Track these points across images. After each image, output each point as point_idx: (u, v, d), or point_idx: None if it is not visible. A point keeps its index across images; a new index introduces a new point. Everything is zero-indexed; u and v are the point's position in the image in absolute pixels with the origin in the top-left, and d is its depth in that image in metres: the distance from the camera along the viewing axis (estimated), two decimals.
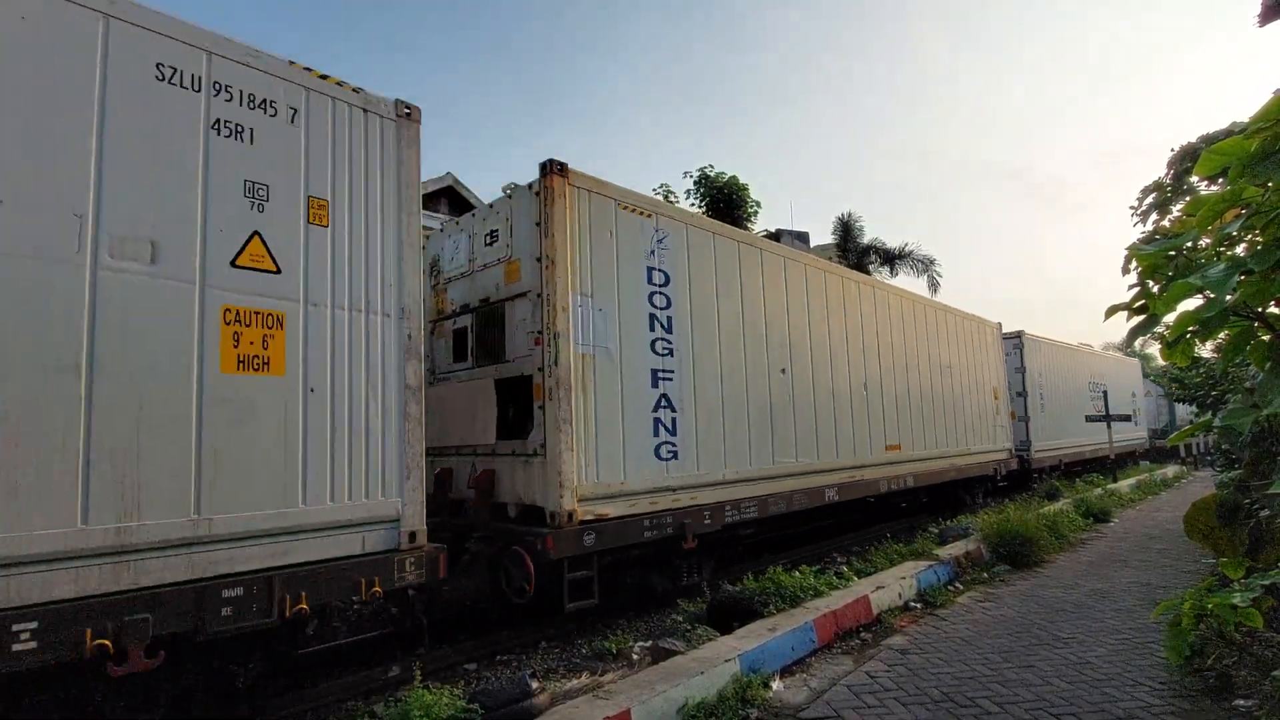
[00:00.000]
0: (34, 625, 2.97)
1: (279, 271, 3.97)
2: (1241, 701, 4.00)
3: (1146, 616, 5.89)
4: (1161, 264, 2.39)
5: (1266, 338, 2.34)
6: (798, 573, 6.53)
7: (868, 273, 22.60)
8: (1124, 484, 16.03)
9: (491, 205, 6.61)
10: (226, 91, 3.88)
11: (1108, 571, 7.92)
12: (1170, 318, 2.26)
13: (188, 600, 3.42)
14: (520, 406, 6.12)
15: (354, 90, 4.45)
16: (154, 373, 3.47)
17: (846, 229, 23.30)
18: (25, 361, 3.10)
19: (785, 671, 4.83)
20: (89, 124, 3.39)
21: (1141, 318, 2.42)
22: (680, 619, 6.17)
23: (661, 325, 6.45)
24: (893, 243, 23.10)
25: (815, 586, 6.30)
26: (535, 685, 4.10)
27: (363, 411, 4.24)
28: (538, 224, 5.72)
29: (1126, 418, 20.03)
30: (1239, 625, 3.61)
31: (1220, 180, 2.33)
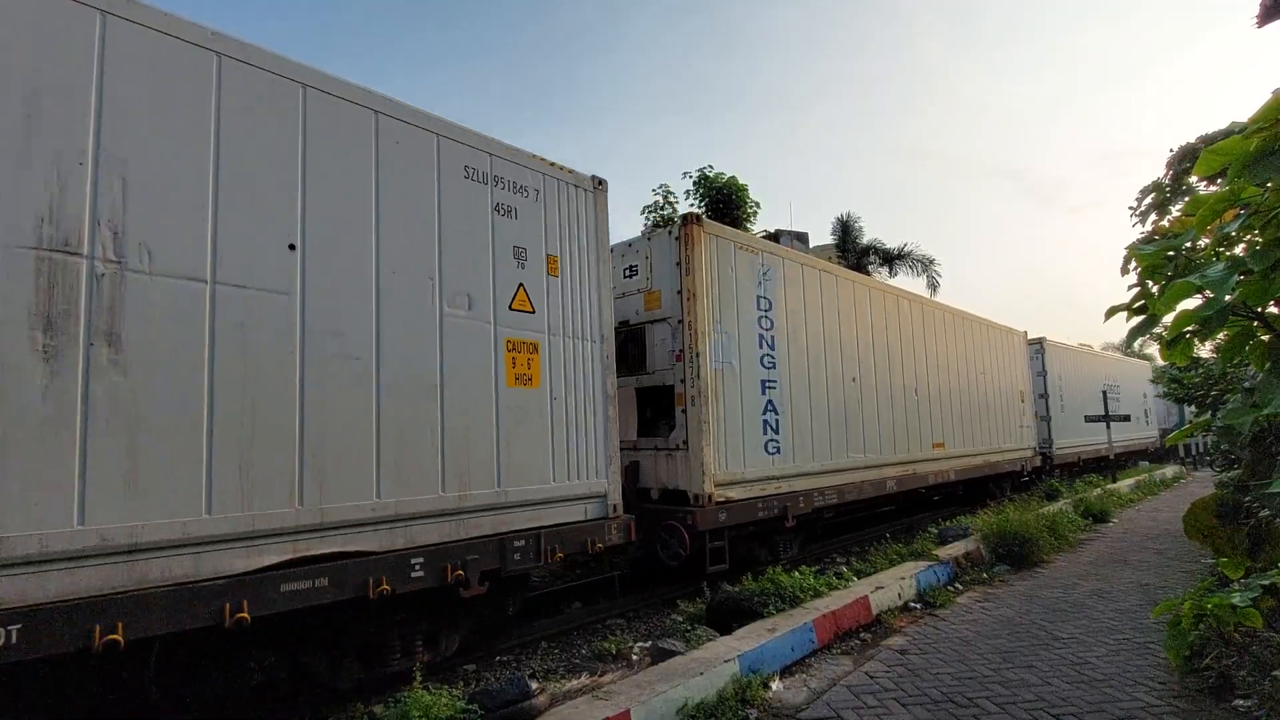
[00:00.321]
0: (421, 560, 4.43)
1: (534, 311, 5.43)
2: (1241, 701, 4.00)
3: (1146, 616, 5.90)
4: (1161, 264, 2.39)
5: (1266, 337, 2.34)
6: (797, 573, 6.52)
7: (866, 273, 22.62)
8: (1123, 484, 16.04)
9: (630, 244, 7.94)
10: (500, 182, 5.32)
11: (1107, 572, 7.92)
12: (1169, 318, 2.26)
13: (494, 548, 4.84)
14: (656, 410, 7.52)
15: (569, 171, 5.91)
16: (472, 388, 4.90)
17: (846, 229, 23.30)
18: (410, 381, 4.53)
19: (785, 672, 4.83)
20: (433, 216, 4.82)
21: (1141, 318, 2.42)
22: (680, 619, 6.18)
23: (766, 343, 7.89)
24: (892, 243, 23.12)
25: (815, 587, 6.30)
26: (535, 686, 4.10)
27: (582, 413, 5.70)
28: (678, 264, 7.19)
29: (1126, 418, 20.05)
30: (1239, 625, 3.61)
31: (1219, 180, 2.34)
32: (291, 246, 4.08)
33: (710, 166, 19.20)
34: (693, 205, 19.34)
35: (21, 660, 3.01)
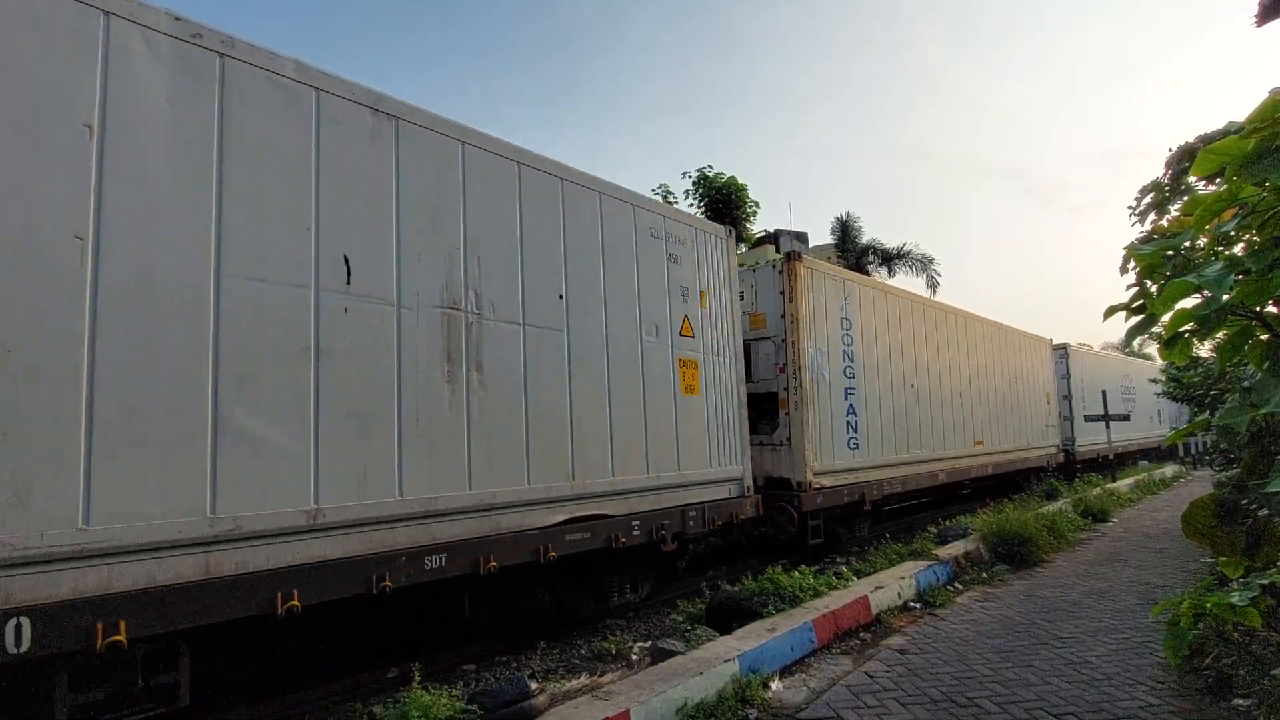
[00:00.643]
0: (638, 522, 6.01)
1: (694, 336, 7.03)
2: (1240, 701, 4.00)
3: (1145, 616, 5.90)
4: (1159, 263, 2.39)
5: (1264, 337, 2.34)
6: (797, 573, 6.53)
7: (866, 273, 22.63)
8: (1122, 484, 16.05)
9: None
10: (670, 236, 6.94)
11: (1106, 571, 7.93)
12: (1168, 317, 2.26)
13: (678, 516, 6.43)
14: (759, 412, 8.66)
15: (711, 224, 7.76)
16: (662, 396, 6.51)
17: (845, 229, 23.33)
18: (626, 394, 6.17)
19: (784, 672, 4.83)
20: (633, 267, 6.48)
21: (1139, 317, 2.42)
22: (679, 619, 6.18)
23: (848, 357, 9.48)
24: (891, 242, 23.13)
25: (814, 587, 6.30)
26: (534, 686, 4.10)
27: (726, 414, 7.28)
28: (781, 293, 8.78)
29: (1125, 417, 20.14)
30: (1237, 625, 3.61)
31: (1218, 180, 2.34)
32: (560, 296, 5.73)
33: (710, 166, 19.23)
34: (692, 205, 19.34)
35: (447, 579, 4.64)
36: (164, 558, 3.46)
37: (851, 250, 23.01)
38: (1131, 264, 2.51)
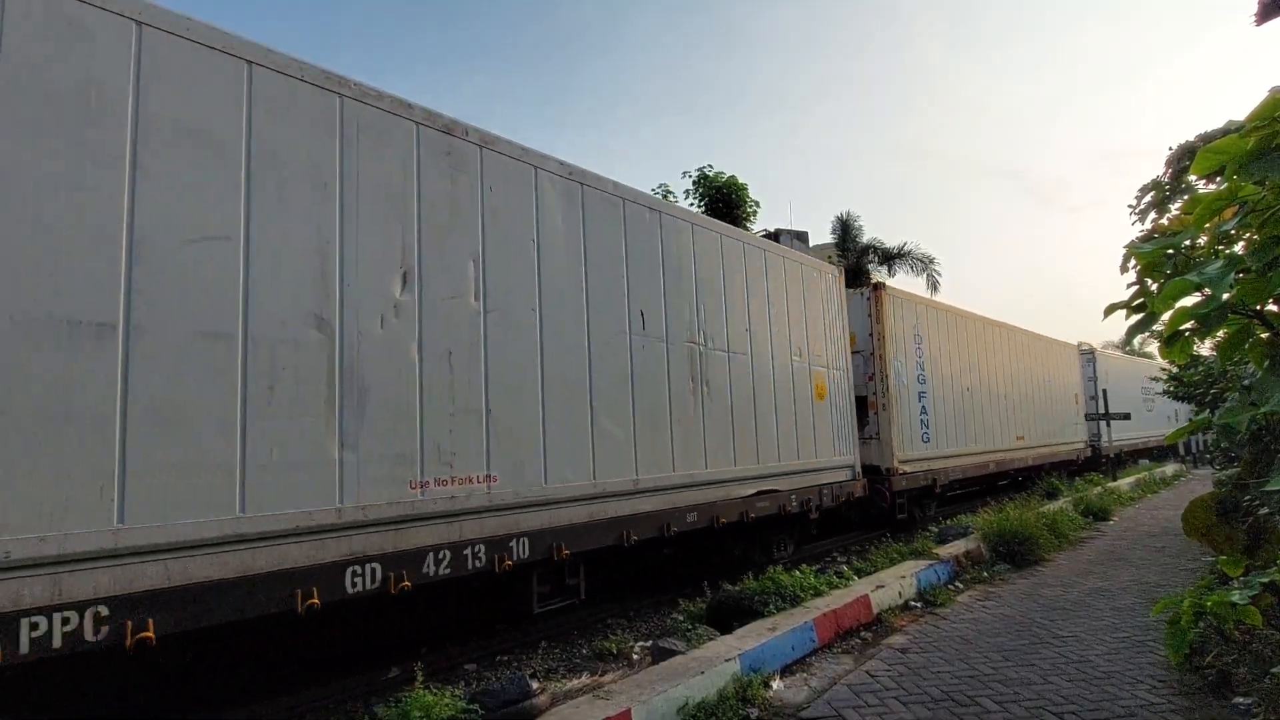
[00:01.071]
0: (794, 496, 8.16)
1: (821, 354, 9.28)
2: (1241, 699, 4.00)
3: (1146, 614, 5.90)
4: (1159, 262, 2.39)
5: (1264, 335, 2.34)
6: (798, 572, 6.53)
7: (866, 272, 22.60)
8: (1123, 482, 16.05)
9: None
10: (805, 278, 9.17)
11: (1107, 570, 7.93)
12: (1168, 315, 2.26)
13: (817, 492, 8.59)
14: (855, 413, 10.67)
15: (830, 260, 10.59)
16: (803, 401, 8.70)
17: (845, 228, 23.29)
18: (792, 399, 8.52)
19: (786, 671, 4.83)
20: (784, 306, 8.63)
21: (1139, 316, 2.42)
22: (680, 618, 6.18)
23: (920, 366, 11.73)
24: (891, 242, 23.09)
25: (815, 586, 6.31)
26: (535, 685, 4.10)
27: (841, 413, 9.54)
28: (869, 315, 11.02)
29: (1126, 416, 20.18)
30: (1238, 623, 3.61)
31: (1217, 178, 2.34)
32: (746, 330, 7.93)
33: (710, 166, 19.21)
34: (692, 204, 19.34)
35: (697, 530, 6.75)
36: (581, 506, 5.74)
37: (852, 249, 22.97)
38: (1132, 262, 2.52)
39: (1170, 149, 10.28)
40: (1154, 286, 2.41)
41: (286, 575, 3.84)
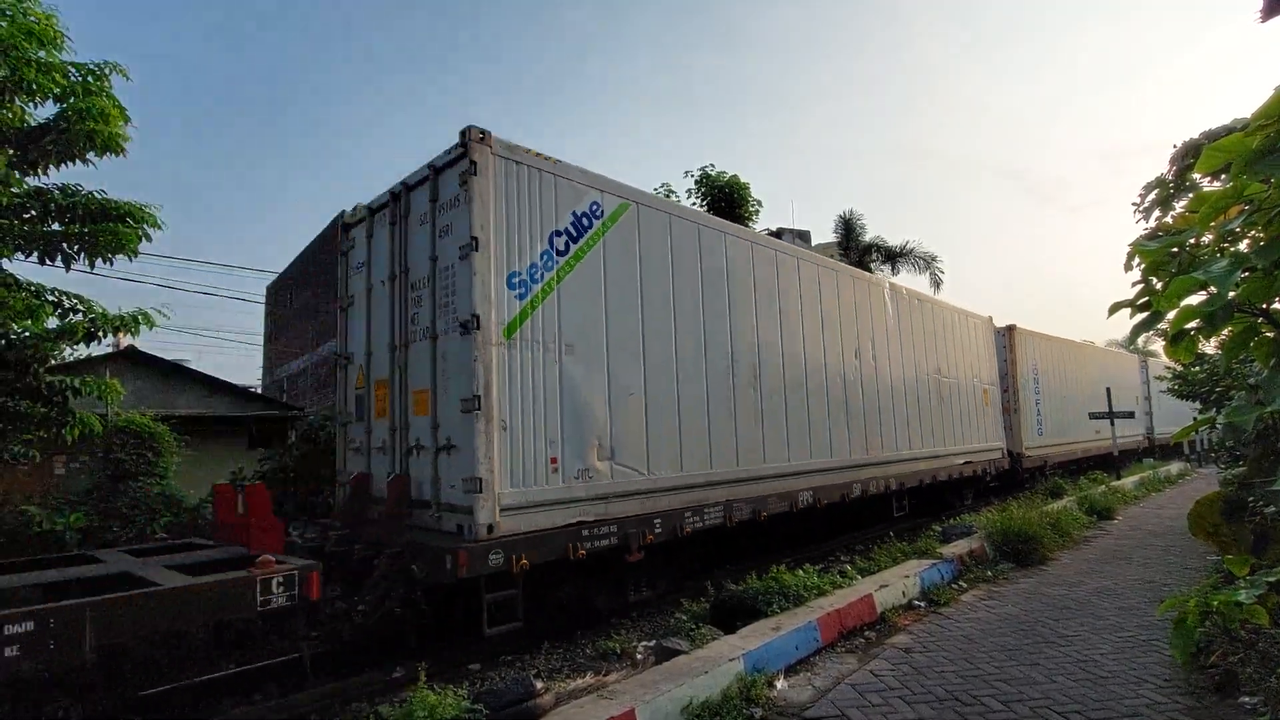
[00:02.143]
0: (978, 465, 13.59)
1: (983, 375, 14.47)
2: (1247, 699, 3.99)
3: (1151, 614, 5.88)
4: (1164, 260, 2.38)
5: (1270, 334, 2.33)
6: (801, 571, 6.52)
7: (869, 269, 22.55)
8: (1127, 481, 16.01)
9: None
10: (979, 326, 14.75)
11: (1111, 569, 7.91)
12: (1173, 314, 2.25)
13: (985, 463, 13.82)
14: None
15: (987, 317, 15.19)
16: (975, 407, 13.83)
17: (848, 227, 23.27)
18: (965, 410, 13.53)
19: (789, 670, 4.83)
20: (979, 348, 14.60)
21: (1144, 314, 2.41)
22: (684, 618, 6.18)
23: (1034, 378, 16.70)
24: (894, 241, 23.07)
25: (819, 585, 6.30)
26: (539, 685, 4.11)
27: (997, 414, 14.75)
28: (1005, 346, 15.93)
29: (1130, 414, 20.14)
30: (1244, 622, 3.59)
31: (1222, 176, 2.33)
32: (939, 369, 12.51)
33: (712, 165, 19.19)
34: (695, 203, 19.33)
35: (937, 484, 12.20)
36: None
37: (854, 248, 22.95)
38: (1136, 261, 2.51)
39: (1174, 147, 10.24)
40: (1159, 285, 2.40)
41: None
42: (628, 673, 4.69)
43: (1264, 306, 2.26)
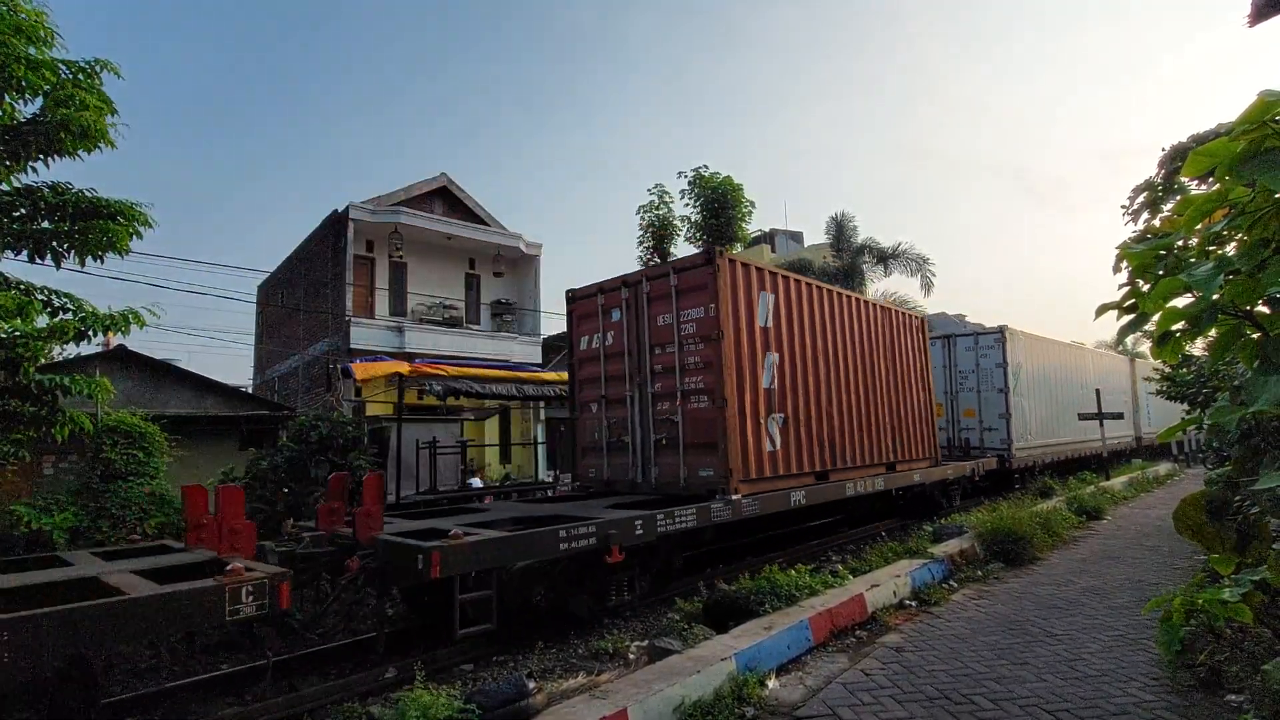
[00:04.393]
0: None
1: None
2: (1233, 696, 4.04)
3: (1139, 613, 5.94)
4: (1151, 263, 2.41)
5: (1254, 336, 2.36)
6: (793, 571, 6.55)
7: (860, 271, 22.65)
8: (1116, 481, 16.15)
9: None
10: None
11: (1100, 568, 7.98)
12: (1159, 315, 2.28)
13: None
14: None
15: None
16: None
17: (840, 229, 23.35)
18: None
19: (781, 670, 4.85)
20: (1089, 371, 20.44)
21: (1131, 316, 2.44)
22: (677, 618, 6.19)
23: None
24: (887, 242, 23.15)
25: (811, 585, 6.32)
26: (532, 685, 4.11)
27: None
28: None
29: (1120, 415, 20.31)
30: (1229, 620, 3.64)
31: (1210, 179, 2.36)
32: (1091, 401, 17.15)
33: (705, 166, 19.22)
34: (687, 205, 19.36)
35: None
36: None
37: (847, 249, 23.04)
38: (1124, 263, 2.54)
39: (1163, 149, 10.33)
40: (1145, 287, 2.43)
41: None
42: (620, 672, 4.70)
43: (1248, 309, 2.30)
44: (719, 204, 18.84)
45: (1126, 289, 2.51)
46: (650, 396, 8.33)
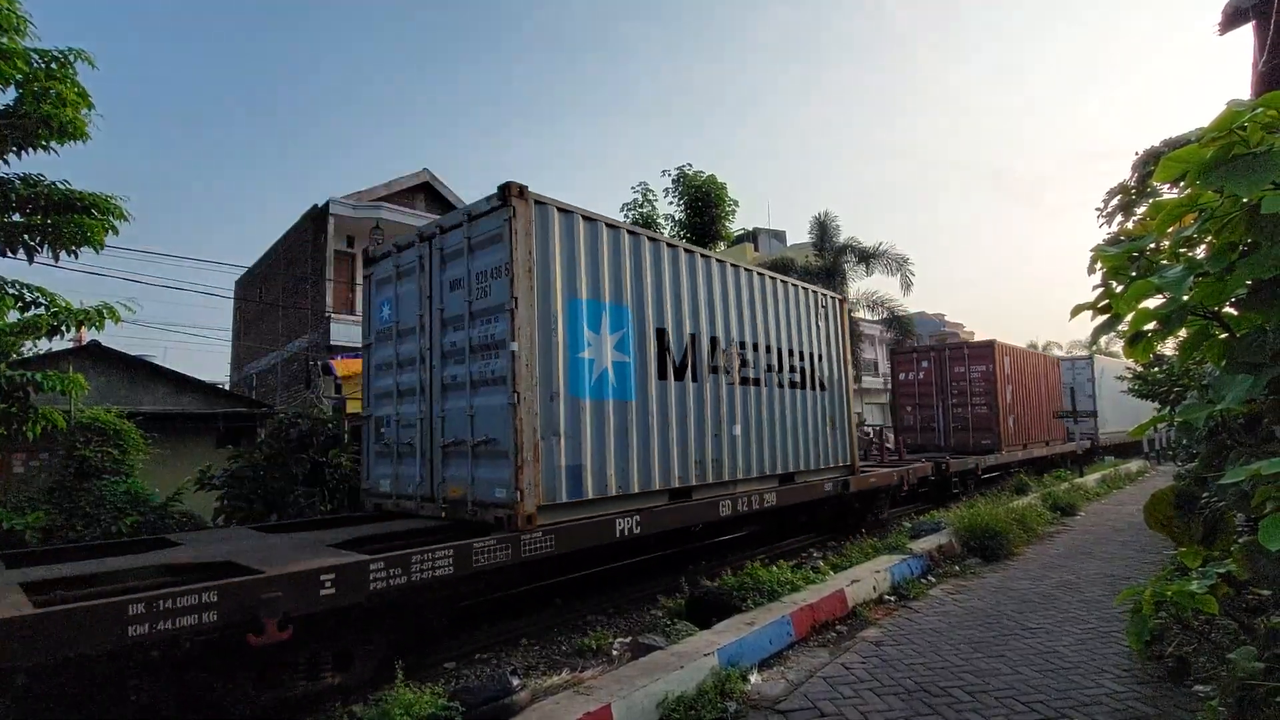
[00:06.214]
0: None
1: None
2: (1200, 687, 4.15)
3: (1110, 606, 6.08)
4: (1124, 265, 2.48)
5: (1222, 336, 2.44)
6: (775, 568, 6.62)
7: (842, 271, 22.85)
8: (1090, 478, 16.47)
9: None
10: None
11: (1074, 563, 8.15)
12: (1131, 316, 2.35)
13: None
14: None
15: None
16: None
17: (823, 229, 23.52)
18: None
19: (763, 665, 4.90)
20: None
21: (1105, 317, 2.51)
22: (660, 614, 6.23)
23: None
24: (868, 242, 23.38)
25: (792, 581, 6.39)
26: (516, 682, 4.12)
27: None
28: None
29: (1092, 414, 20.70)
30: (1196, 612, 3.75)
31: (1181, 184, 2.43)
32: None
33: (689, 165, 19.28)
34: (671, 203, 19.40)
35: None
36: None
37: (829, 249, 23.22)
38: (1098, 265, 2.61)
39: (1137, 153, 10.53)
40: (1119, 288, 2.50)
41: None
42: (604, 669, 4.72)
43: (1216, 310, 2.37)
44: (703, 202, 18.91)
45: (1101, 290, 2.58)
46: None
